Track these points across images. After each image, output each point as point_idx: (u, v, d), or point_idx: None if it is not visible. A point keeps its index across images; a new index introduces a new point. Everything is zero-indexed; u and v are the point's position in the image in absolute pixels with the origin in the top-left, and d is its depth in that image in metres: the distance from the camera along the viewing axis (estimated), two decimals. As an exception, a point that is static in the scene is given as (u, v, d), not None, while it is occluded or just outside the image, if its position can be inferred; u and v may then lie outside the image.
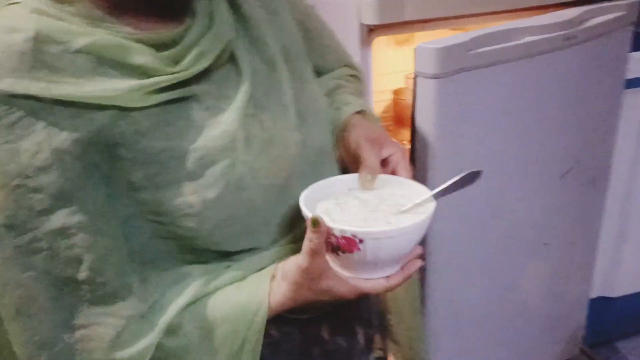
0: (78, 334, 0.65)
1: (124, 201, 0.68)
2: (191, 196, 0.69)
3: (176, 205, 0.68)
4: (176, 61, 0.69)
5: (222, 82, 0.74)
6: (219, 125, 0.71)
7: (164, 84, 0.67)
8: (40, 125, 0.61)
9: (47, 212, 0.62)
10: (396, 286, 0.71)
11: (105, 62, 0.64)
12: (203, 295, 0.72)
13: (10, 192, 0.61)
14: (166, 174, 0.68)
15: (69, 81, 0.62)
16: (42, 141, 0.61)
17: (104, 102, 0.64)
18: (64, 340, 0.65)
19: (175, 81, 0.68)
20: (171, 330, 0.70)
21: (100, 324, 0.66)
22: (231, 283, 0.74)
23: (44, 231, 0.62)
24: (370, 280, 0.72)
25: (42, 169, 0.61)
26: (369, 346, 0.92)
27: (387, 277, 0.72)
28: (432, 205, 0.73)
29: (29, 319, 0.64)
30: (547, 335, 1.64)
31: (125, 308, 0.67)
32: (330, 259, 0.72)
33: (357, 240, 0.67)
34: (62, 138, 0.62)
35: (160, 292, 0.71)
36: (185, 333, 0.70)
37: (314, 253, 0.67)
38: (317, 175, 0.80)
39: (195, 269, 0.74)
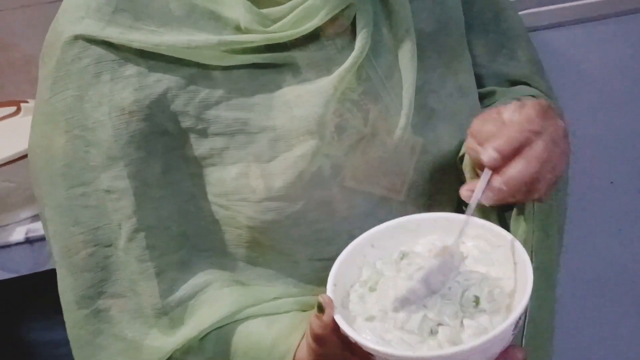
0: (109, 302, 0.62)
1: (186, 176, 0.61)
2: (256, 180, 0.60)
3: (238, 186, 0.60)
4: (276, 20, 0.59)
5: (334, 54, 0.61)
6: (308, 103, 0.60)
7: (251, 44, 0.58)
8: (107, 76, 0.58)
9: (99, 169, 0.59)
10: None
11: (198, 11, 0.59)
12: (234, 319, 0.62)
13: (70, 140, 0.59)
14: (234, 150, 0.60)
15: (150, 29, 0.58)
16: (105, 94, 0.58)
17: (178, 55, 0.58)
18: (97, 304, 0.62)
19: (266, 42, 0.59)
20: (191, 348, 0.62)
21: (124, 297, 0.61)
22: (269, 314, 0.63)
23: (94, 188, 0.60)
24: None
25: (101, 124, 0.58)
26: None
27: None
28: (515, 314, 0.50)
29: (70, 273, 0.62)
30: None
31: (148, 293, 0.61)
32: None
33: (369, 354, 0.51)
34: (123, 96, 0.58)
35: (193, 289, 0.62)
36: (207, 353, 0.62)
37: (319, 339, 0.54)
38: (432, 192, 0.66)
39: (240, 290, 0.64)
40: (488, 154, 0.54)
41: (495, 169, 0.54)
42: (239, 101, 0.60)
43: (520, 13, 1.03)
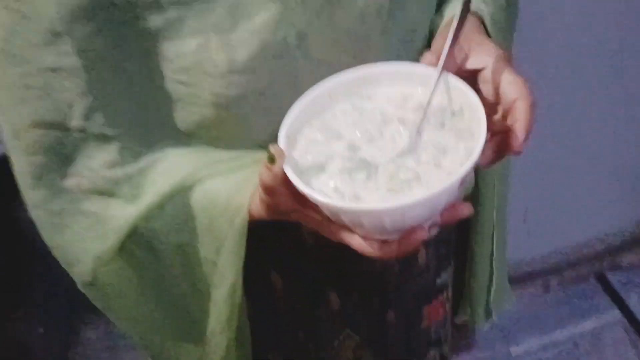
0: (68, 181, 0.60)
1: (141, 52, 0.57)
2: (217, 52, 0.56)
3: (199, 60, 0.57)
4: None
5: None
6: None
7: None
8: None
9: (41, 46, 0.55)
10: (393, 257, 0.54)
11: None
12: (191, 182, 0.62)
13: (8, 15, 0.54)
14: (191, 20, 0.56)
15: None
16: None
17: None
18: (55, 184, 0.60)
19: None
20: (152, 214, 0.62)
21: (82, 175, 0.60)
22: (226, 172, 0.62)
23: (37, 67, 0.56)
24: (357, 236, 0.53)
25: None
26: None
27: (383, 242, 0.52)
28: (465, 166, 0.48)
29: (24, 155, 0.59)
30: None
31: (107, 164, 0.60)
32: None
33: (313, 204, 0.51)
34: None
35: (152, 159, 0.62)
36: (167, 214, 0.62)
37: (269, 191, 0.54)
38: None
39: (199, 154, 0.63)
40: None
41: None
42: None
43: None
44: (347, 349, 0.82)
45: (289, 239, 0.63)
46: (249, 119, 0.61)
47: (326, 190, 0.51)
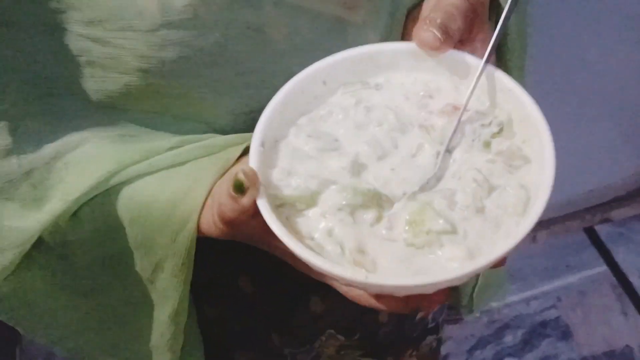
0: None
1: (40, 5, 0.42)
2: None
3: (118, 8, 0.41)
4: None
5: None
6: None
7: None
8: None
9: None
10: (395, 312, 0.41)
11: None
12: (116, 182, 0.46)
13: None
14: None
15: None
16: None
17: None
18: None
19: None
20: (59, 226, 0.46)
21: None
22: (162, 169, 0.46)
23: None
24: (350, 286, 0.39)
25: None
26: None
27: (378, 296, 0.39)
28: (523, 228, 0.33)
29: None
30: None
31: None
32: None
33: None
34: None
35: (61, 147, 0.45)
36: (84, 225, 0.46)
37: (231, 224, 0.41)
38: (397, 9, 0.48)
39: (125, 143, 0.46)
40: None
41: None
42: None
43: None
44: (329, 347, 0.72)
45: (261, 252, 0.47)
46: (193, 91, 0.45)
47: (317, 235, 0.36)
